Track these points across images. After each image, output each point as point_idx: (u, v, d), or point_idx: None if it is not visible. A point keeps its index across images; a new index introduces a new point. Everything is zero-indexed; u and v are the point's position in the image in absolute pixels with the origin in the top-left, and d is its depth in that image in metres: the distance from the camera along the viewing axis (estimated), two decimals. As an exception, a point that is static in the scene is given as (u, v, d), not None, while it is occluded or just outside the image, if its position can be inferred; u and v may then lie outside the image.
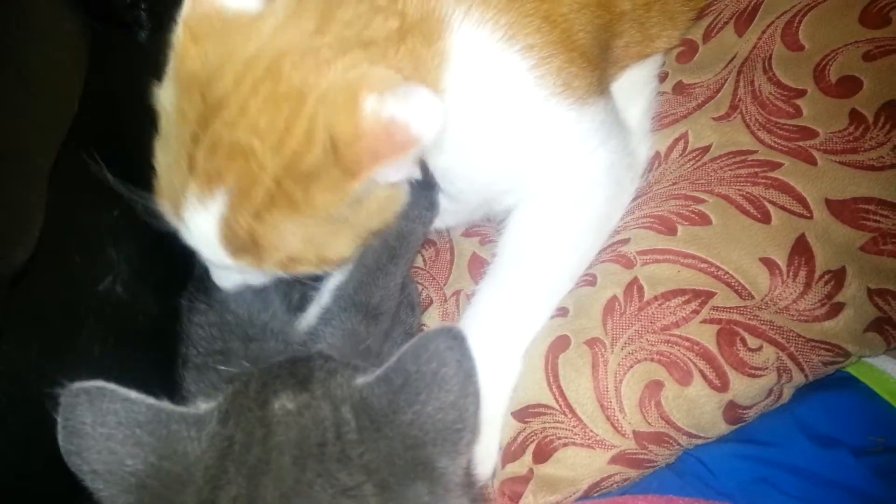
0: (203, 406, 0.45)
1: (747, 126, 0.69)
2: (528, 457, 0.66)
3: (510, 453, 0.67)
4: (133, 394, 0.44)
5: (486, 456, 0.68)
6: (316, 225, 0.57)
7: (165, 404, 0.44)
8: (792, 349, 0.60)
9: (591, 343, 0.66)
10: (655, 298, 0.64)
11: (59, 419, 0.42)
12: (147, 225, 0.55)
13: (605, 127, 0.69)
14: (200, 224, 0.57)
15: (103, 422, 0.42)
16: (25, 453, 0.52)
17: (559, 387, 0.66)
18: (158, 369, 0.63)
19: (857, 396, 0.66)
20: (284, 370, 0.46)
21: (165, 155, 0.59)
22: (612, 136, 0.70)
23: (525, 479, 0.65)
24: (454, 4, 0.60)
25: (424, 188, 0.67)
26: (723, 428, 0.63)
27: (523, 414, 0.67)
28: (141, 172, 0.59)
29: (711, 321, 0.62)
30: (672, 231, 0.67)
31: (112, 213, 0.62)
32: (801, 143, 0.65)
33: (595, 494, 0.64)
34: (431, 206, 0.70)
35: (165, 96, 0.60)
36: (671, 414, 0.61)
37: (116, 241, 0.58)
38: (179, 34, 0.57)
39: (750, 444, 0.64)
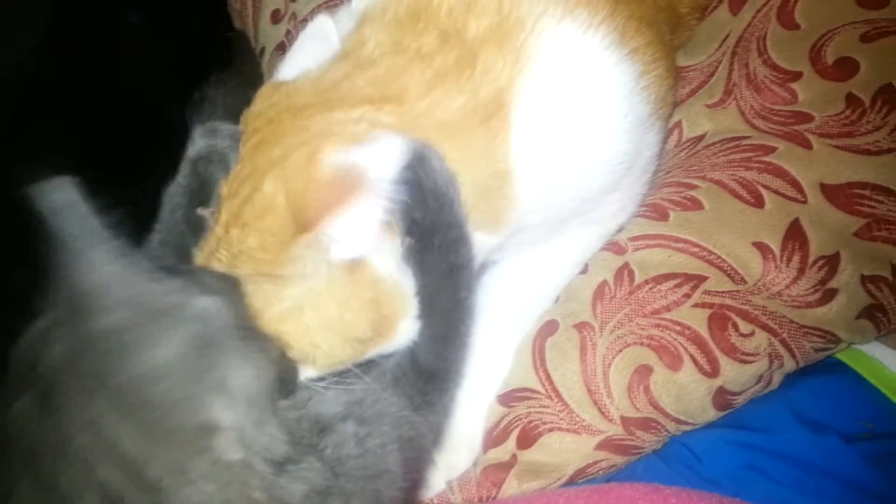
0: None
1: (742, 114, 0.67)
2: (511, 442, 0.64)
3: (492, 438, 0.65)
4: None
5: (468, 447, 0.66)
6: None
7: None
8: (784, 335, 0.59)
9: (580, 327, 0.64)
10: (646, 282, 0.63)
11: None
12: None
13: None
14: None
15: None
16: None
17: (546, 370, 0.64)
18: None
19: (845, 381, 0.65)
20: None
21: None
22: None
23: (508, 466, 0.64)
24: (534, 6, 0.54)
25: None
26: (711, 414, 0.61)
27: (508, 398, 0.66)
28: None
29: (703, 305, 0.61)
30: (664, 216, 0.66)
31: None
32: (796, 127, 0.64)
33: (580, 481, 0.62)
34: None
35: None
36: (660, 399, 0.60)
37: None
38: None
39: (738, 429, 0.63)
